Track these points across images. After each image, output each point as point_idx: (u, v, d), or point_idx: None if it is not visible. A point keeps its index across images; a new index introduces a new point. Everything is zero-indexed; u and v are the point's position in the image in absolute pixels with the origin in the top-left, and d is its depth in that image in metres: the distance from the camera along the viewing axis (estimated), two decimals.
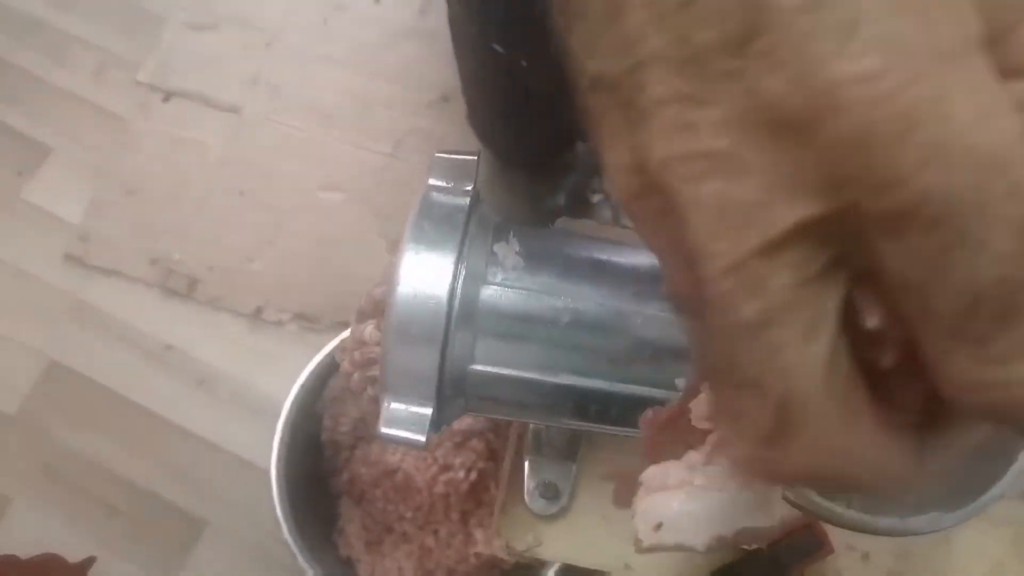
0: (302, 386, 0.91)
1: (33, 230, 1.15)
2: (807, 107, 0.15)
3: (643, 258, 0.28)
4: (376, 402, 0.26)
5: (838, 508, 0.23)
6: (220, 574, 1.03)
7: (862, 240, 0.15)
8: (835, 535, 0.38)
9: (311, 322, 1.10)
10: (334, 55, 1.20)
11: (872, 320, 0.16)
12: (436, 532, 0.97)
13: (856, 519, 0.23)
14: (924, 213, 0.14)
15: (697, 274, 0.15)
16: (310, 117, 1.17)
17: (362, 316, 0.26)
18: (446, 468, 0.98)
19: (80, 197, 1.15)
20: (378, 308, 0.26)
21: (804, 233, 0.15)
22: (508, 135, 1.07)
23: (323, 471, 0.98)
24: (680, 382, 0.26)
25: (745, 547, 0.36)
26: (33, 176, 1.18)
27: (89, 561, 0.82)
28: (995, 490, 0.23)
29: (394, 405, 0.26)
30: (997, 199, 0.14)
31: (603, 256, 0.30)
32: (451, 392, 0.27)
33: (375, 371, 0.26)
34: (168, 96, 1.21)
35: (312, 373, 0.91)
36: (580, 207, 1.08)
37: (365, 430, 0.97)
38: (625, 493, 0.27)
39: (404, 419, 0.26)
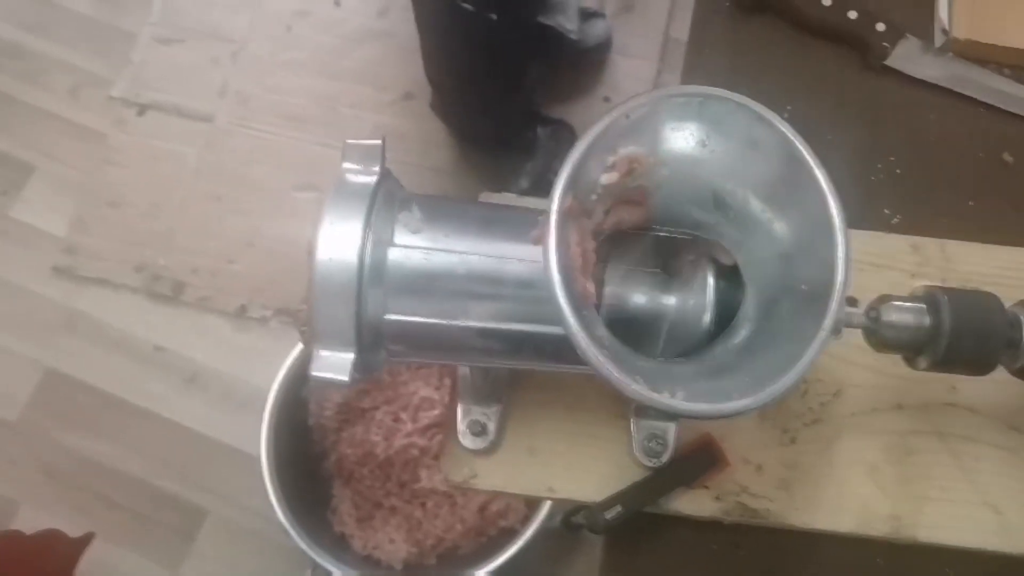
0: (286, 375, 0.96)
1: (21, 246, 1.20)
2: None
3: (518, 215, 0.34)
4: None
5: (665, 398, 0.28)
6: (223, 560, 1.08)
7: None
8: (730, 452, 0.43)
9: (293, 316, 1.15)
10: (299, 60, 1.25)
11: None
12: (424, 504, 1.03)
13: (680, 406, 0.28)
14: None
15: None
16: (280, 121, 1.22)
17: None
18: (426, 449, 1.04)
19: (64, 212, 1.20)
20: None
21: None
22: (472, 111, 1.12)
23: (313, 455, 1.03)
24: None
25: (649, 465, 0.41)
26: (18, 195, 1.23)
27: (88, 536, 0.87)
28: (781, 382, 0.28)
29: (322, 352, 0.32)
30: None
31: (489, 216, 0.35)
32: (371, 339, 0.33)
33: None
34: (143, 110, 1.25)
35: (295, 361, 0.96)
36: (542, 189, 1.13)
37: (349, 413, 1.03)
38: None
39: (331, 363, 0.32)
